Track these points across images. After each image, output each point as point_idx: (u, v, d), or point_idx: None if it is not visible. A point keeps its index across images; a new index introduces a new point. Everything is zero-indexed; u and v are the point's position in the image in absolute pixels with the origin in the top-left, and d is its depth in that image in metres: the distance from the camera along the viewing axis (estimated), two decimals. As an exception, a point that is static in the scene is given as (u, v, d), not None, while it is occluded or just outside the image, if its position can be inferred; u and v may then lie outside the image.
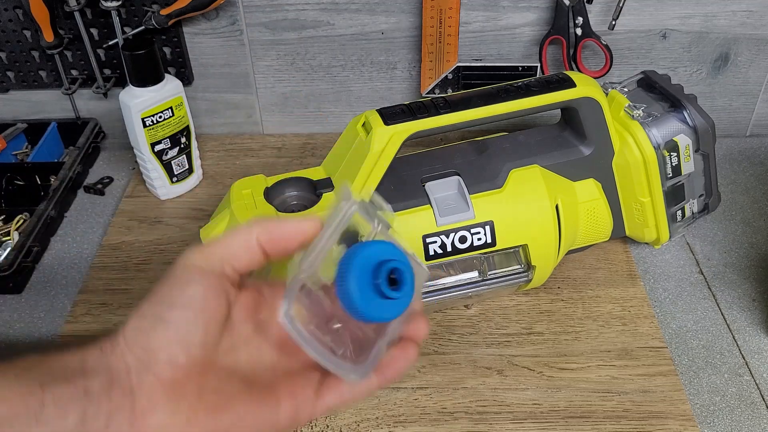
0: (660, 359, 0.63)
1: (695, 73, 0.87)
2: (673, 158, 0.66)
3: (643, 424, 0.57)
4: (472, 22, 0.83)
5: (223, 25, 0.84)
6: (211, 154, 0.90)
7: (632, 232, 0.71)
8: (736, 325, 0.67)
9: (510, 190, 0.62)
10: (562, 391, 0.60)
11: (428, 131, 0.60)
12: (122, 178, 0.88)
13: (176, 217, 0.81)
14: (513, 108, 0.61)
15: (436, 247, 0.61)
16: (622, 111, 0.66)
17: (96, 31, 0.84)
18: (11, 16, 0.82)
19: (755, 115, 0.91)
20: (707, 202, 0.71)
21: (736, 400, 0.60)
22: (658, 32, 0.84)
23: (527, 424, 0.58)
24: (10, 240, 0.76)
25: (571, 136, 0.66)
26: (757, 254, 0.74)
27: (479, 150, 0.66)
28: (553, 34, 0.82)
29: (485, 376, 0.62)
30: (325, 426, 0.58)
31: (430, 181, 0.63)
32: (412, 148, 0.67)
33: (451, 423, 0.58)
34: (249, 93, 0.91)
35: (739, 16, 0.82)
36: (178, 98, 0.78)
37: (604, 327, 0.66)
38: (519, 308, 0.68)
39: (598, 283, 0.70)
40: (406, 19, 0.83)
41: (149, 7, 0.82)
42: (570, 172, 0.66)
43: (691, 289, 0.70)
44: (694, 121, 0.66)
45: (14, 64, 0.87)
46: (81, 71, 0.87)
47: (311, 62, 0.87)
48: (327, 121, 0.93)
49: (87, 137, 0.89)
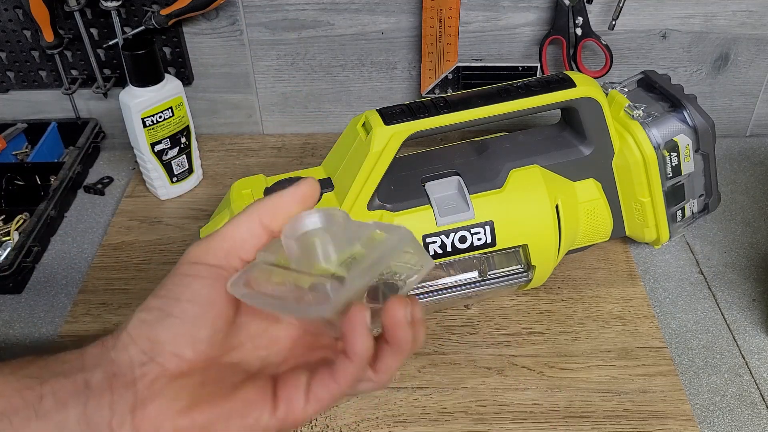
0: (660, 359, 0.63)
1: (695, 73, 0.87)
2: (673, 158, 0.66)
3: (643, 424, 0.57)
4: (472, 22, 0.83)
5: (223, 25, 0.84)
6: (211, 154, 0.90)
7: (632, 232, 0.71)
8: (736, 325, 0.67)
9: (510, 190, 0.62)
10: (562, 391, 0.60)
11: (428, 131, 0.60)
12: (122, 178, 0.88)
13: (176, 217, 0.81)
14: (513, 108, 0.61)
15: (436, 247, 0.61)
16: (622, 111, 0.66)
17: (96, 31, 0.84)
18: (11, 16, 0.83)
19: (755, 115, 0.91)
20: (707, 202, 0.71)
21: (736, 400, 0.60)
22: (658, 32, 0.84)
23: (527, 424, 0.58)
24: (10, 240, 0.76)
25: (571, 136, 0.66)
26: (757, 254, 0.74)
27: (479, 150, 0.66)
28: (553, 34, 0.82)
29: (485, 376, 0.62)
30: (325, 426, 0.58)
31: (430, 181, 0.63)
32: (412, 148, 0.67)
33: (451, 423, 0.58)
34: (249, 93, 0.91)
35: (739, 16, 0.82)
36: (178, 98, 0.78)
37: (604, 327, 0.66)
38: (519, 308, 0.68)
39: (598, 283, 0.70)
40: (406, 19, 0.83)
41: (149, 7, 0.82)
42: (570, 172, 0.66)
43: (691, 289, 0.70)
44: (694, 121, 0.66)
45: (14, 64, 0.87)
46: (81, 71, 0.87)
47: (311, 62, 0.88)
48: (327, 121, 0.93)
49: (87, 137, 0.89)
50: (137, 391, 0.33)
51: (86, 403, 0.32)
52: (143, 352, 0.33)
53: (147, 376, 0.33)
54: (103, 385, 0.32)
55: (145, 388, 0.33)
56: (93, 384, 0.32)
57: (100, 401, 0.32)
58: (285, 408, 0.33)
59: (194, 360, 0.34)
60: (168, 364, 0.33)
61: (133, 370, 0.33)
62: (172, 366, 0.33)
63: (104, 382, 0.33)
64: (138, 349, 0.33)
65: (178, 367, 0.33)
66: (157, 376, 0.33)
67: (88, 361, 0.34)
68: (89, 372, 0.33)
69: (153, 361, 0.33)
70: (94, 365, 0.33)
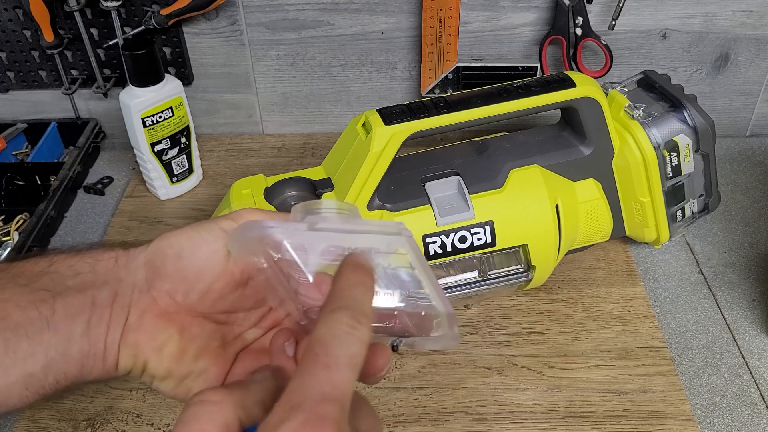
0: (660, 359, 0.63)
1: (695, 73, 0.87)
2: (673, 158, 0.66)
3: (643, 424, 0.57)
4: (472, 22, 0.83)
5: (223, 25, 0.84)
6: (211, 154, 0.90)
7: (632, 232, 0.71)
8: (736, 325, 0.67)
9: (510, 190, 0.62)
10: (562, 391, 0.60)
11: (428, 131, 0.60)
12: (122, 178, 0.88)
13: (176, 217, 0.81)
14: (513, 108, 0.61)
15: (436, 247, 0.61)
16: (622, 111, 0.66)
17: (96, 31, 0.84)
18: (11, 16, 0.83)
19: (755, 115, 0.91)
20: (707, 202, 0.71)
21: (736, 400, 0.60)
22: (658, 32, 0.84)
23: (527, 424, 0.58)
24: (10, 240, 0.76)
25: (571, 136, 0.66)
26: (757, 254, 0.74)
27: (479, 150, 0.66)
28: (553, 34, 0.82)
29: (485, 376, 0.62)
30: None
31: (430, 181, 0.63)
32: (412, 148, 0.67)
33: (451, 423, 0.58)
34: (249, 93, 0.91)
35: (739, 16, 0.82)
36: (178, 98, 0.78)
37: (604, 327, 0.66)
38: (519, 308, 0.68)
39: (598, 283, 0.70)
40: (406, 19, 0.83)
41: (149, 7, 0.82)
42: (570, 172, 0.66)
43: (691, 289, 0.70)
44: (694, 121, 0.66)
45: (14, 64, 0.87)
46: (81, 71, 0.87)
47: (311, 62, 0.87)
48: (327, 121, 0.93)
49: (87, 137, 0.89)
50: (129, 316, 0.35)
51: (90, 319, 0.34)
52: (146, 279, 0.35)
53: (138, 305, 0.35)
54: (106, 303, 0.35)
55: (135, 317, 0.35)
56: (98, 301, 0.35)
57: (101, 318, 0.34)
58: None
59: (181, 305, 0.35)
60: (160, 300, 0.35)
61: (133, 294, 0.35)
62: (162, 304, 0.35)
63: (107, 300, 0.35)
64: (143, 274, 0.35)
65: (166, 307, 0.35)
66: (146, 309, 0.35)
67: (99, 275, 0.35)
68: (98, 289, 0.35)
69: (149, 292, 0.35)
70: (104, 282, 0.35)
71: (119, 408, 0.60)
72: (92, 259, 0.36)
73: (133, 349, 0.35)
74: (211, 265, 0.35)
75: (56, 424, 0.59)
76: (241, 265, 0.35)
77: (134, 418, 0.59)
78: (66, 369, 0.34)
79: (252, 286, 0.36)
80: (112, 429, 0.58)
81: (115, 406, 0.60)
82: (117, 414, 0.59)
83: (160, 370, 0.35)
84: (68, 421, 0.59)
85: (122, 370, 0.35)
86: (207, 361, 0.36)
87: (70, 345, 0.34)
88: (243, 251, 0.35)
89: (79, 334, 0.34)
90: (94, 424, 0.59)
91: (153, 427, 0.58)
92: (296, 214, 0.35)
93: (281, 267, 0.34)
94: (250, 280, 0.36)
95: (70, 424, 0.59)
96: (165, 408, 0.60)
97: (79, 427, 0.59)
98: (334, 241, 0.33)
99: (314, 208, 0.34)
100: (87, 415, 0.59)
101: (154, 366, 0.35)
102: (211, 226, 0.36)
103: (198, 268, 0.35)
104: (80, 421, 0.59)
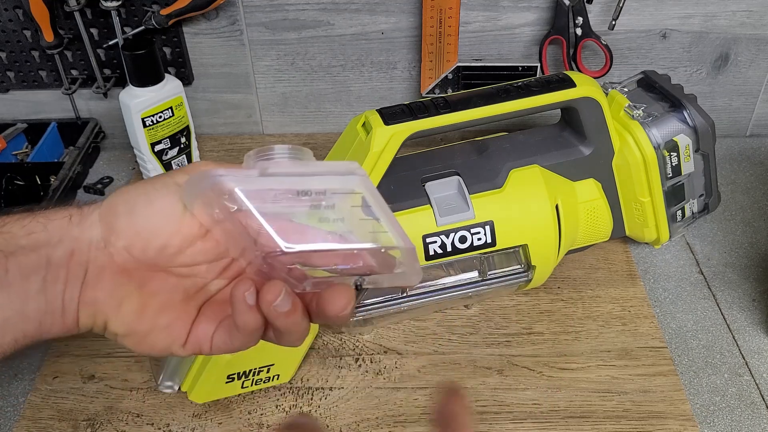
0: (660, 359, 0.63)
1: (695, 73, 0.87)
2: (673, 158, 0.66)
3: (643, 424, 0.57)
4: (472, 22, 0.83)
5: (223, 25, 0.84)
6: (211, 154, 0.90)
7: (632, 232, 0.71)
8: (736, 325, 0.67)
9: (510, 190, 0.62)
10: (562, 391, 0.60)
11: (428, 131, 0.60)
12: (122, 178, 0.88)
13: (176, 217, 0.81)
14: (513, 108, 0.61)
15: (436, 247, 0.61)
16: (622, 111, 0.66)
17: (96, 31, 0.84)
18: (11, 16, 0.82)
19: (755, 115, 0.91)
20: (707, 202, 0.71)
21: (736, 400, 0.60)
22: (658, 32, 0.84)
23: (527, 424, 0.58)
24: (10, 240, 0.76)
25: (571, 136, 0.66)
26: (757, 254, 0.74)
27: (479, 150, 0.66)
28: (553, 34, 0.82)
29: (485, 376, 0.62)
30: (325, 426, 0.58)
31: (430, 181, 0.63)
32: (412, 148, 0.67)
33: (451, 423, 0.58)
34: (249, 93, 0.91)
35: (739, 16, 0.82)
36: (178, 98, 0.78)
37: (604, 327, 0.66)
38: (519, 308, 0.68)
39: (598, 283, 0.70)
40: (406, 19, 0.83)
41: (149, 7, 0.82)
42: (570, 172, 0.66)
43: (691, 289, 0.70)
44: (694, 121, 0.66)
45: (14, 64, 0.87)
46: (81, 71, 0.87)
47: (311, 62, 0.88)
48: (327, 121, 0.93)
49: (87, 137, 0.89)
50: (87, 273, 0.35)
51: (45, 277, 0.34)
52: (102, 236, 0.35)
53: (96, 262, 0.35)
54: (62, 261, 0.34)
55: (93, 274, 0.35)
56: (54, 259, 0.34)
57: (57, 275, 0.34)
58: (192, 348, 0.37)
59: (139, 260, 0.35)
60: (117, 257, 0.35)
61: (90, 251, 0.35)
62: (120, 260, 0.35)
63: (63, 258, 0.34)
64: (99, 232, 0.35)
65: (124, 263, 0.35)
66: (104, 266, 0.35)
67: (53, 234, 0.35)
68: (53, 247, 0.34)
69: (106, 249, 0.35)
70: (58, 240, 0.35)
71: (119, 408, 0.60)
72: (45, 218, 0.35)
73: (92, 307, 0.35)
74: (166, 219, 0.34)
75: (56, 424, 0.59)
76: (198, 218, 0.35)
77: (134, 418, 0.59)
78: (24, 327, 0.34)
79: (211, 238, 0.36)
80: (112, 429, 0.58)
81: (115, 406, 0.60)
82: (117, 414, 0.60)
83: (121, 327, 0.35)
84: (68, 421, 0.59)
85: (83, 328, 0.35)
86: (170, 316, 0.36)
87: (26, 303, 0.33)
88: (198, 204, 0.34)
89: (34, 291, 0.34)
90: (94, 424, 0.59)
91: (153, 427, 0.59)
92: (248, 160, 0.34)
93: (238, 217, 0.33)
94: (209, 233, 0.36)
95: (70, 424, 0.59)
96: (165, 408, 0.60)
97: (79, 427, 0.59)
98: (287, 185, 0.33)
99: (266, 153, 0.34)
100: (87, 415, 0.60)
101: (115, 323, 0.35)
102: (166, 180, 0.35)
103: (153, 224, 0.34)
104: (80, 421, 0.59)
